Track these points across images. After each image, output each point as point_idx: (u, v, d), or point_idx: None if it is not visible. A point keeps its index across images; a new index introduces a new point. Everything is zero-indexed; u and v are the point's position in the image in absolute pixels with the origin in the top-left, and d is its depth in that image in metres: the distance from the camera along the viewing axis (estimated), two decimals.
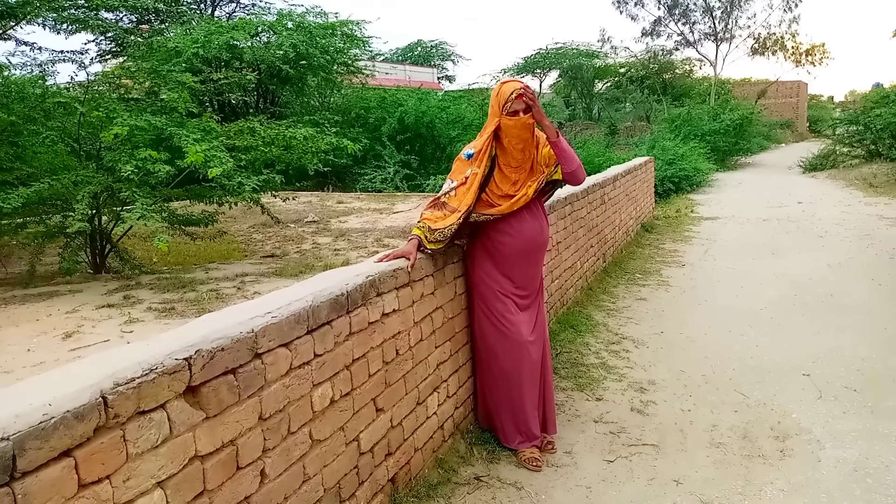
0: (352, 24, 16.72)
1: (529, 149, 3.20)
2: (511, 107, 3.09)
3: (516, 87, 3.11)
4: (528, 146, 3.19)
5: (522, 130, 3.13)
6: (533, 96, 3.12)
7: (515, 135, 3.13)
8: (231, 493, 1.83)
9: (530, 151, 3.21)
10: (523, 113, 3.11)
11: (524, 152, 3.19)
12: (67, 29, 12.12)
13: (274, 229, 9.35)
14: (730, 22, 31.09)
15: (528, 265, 3.33)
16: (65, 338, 4.34)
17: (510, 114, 3.11)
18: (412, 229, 3.10)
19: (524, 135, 3.14)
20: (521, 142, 3.16)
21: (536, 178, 3.23)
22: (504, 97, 3.11)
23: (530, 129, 3.15)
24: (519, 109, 3.10)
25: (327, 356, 2.25)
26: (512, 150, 3.17)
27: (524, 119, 3.11)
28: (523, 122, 3.11)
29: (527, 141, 3.17)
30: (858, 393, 4.01)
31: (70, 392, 1.41)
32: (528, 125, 3.13)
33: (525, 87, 3.11)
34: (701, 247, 8.61)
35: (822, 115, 42.39)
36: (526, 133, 3.14)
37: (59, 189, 5.44)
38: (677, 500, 2.94)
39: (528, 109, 3.10)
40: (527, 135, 3.15)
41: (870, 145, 18.62)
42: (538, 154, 3.25)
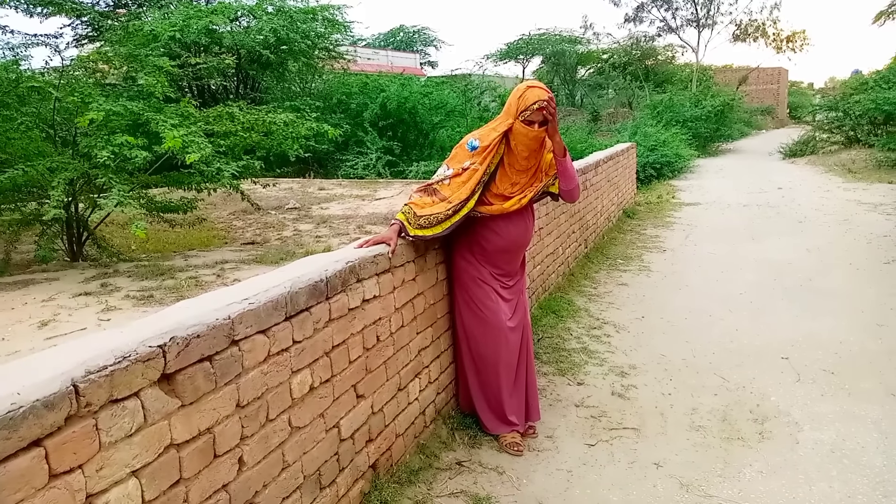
0: (333, 8, 16.56)
1: (535, 157, 3.15)
2: (529, 116, 3.00)
3: (541, 97, 2.98)
4: (534, 154, 3.13)
5: (533, 141, 3.05)
6: (554, 110, 3.01)
7: (525, 143, 3.06)
8: (208, 481, 1.81)
9: (536, 159, 3.16)
10: (539, 125, 3.02)
11: (529, 160, 3.13)
12: (42, 12, 11.86)
13: (254, 216, 9.27)
14: (712, 8, 31.11)
15: (511, 260, 3.31)
16: (40, 326, 4.27)
17: (526, 122, 3.01)
18: (397, 213, 3.04)
19: (533, 145, 3.08)
20: (528, 150, 3.09)
21: (535, 186, 3.19)
22: (525, 104, 3.00)
23: (540, 140, 3.08)
24: (536, 121, 3.01)
25: (306, 343, 2.23)
26: (518, 154, 3.10)
27: (537, 132, 3.02)
28: (535, 134, 3.03)
29: (534, 150, 3.11)
30: (836, 375, 4.06)
31: (40, 381, 1.38)
32: (539, 137, 3.06)
33: (549, 100, 2.99)
34: (682, 232, 8.66)
35: (803, 102, 42.70)
36: (535, 144, 3.08)
37: (35, 175, 5.35)
38: (657, 483, 2.96)
39: (544, 122, 3.02)
40: (536, 145, 3.08)
41: (848, 132, 18.76)
42: (542, 160, 3.20)
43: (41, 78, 6.47)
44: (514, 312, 3.34)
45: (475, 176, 3.06)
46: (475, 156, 3.10)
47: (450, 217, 3.02)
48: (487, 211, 3.15)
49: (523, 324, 3.39)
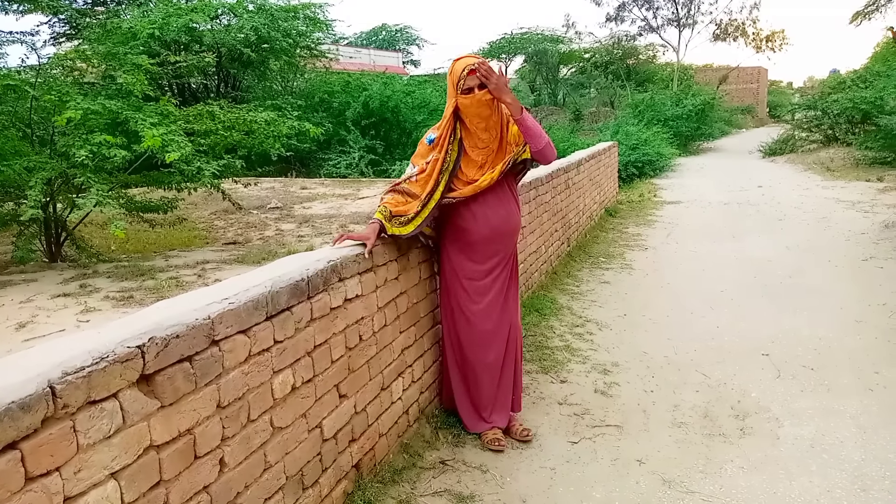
0: (314, 6, 16.49)
1: (494, 128, 3.03)
2: (464, 84, 2.92)
3: (469, 63, 2.92)
4: (491, 125, 3.02)
5: (480, 108, 2.95)
6: (488, 70, 2.91)
7: (474, 113, 2.97)
8: (189, 482, 1.79)
9: (496, 130, 3.04)
10: (478, 89, 2.92)
11: (488, 132, 3.02)
12: (17, 10, 11.70)
13: (236, 216, 9.21)
14: (692, 8, 31.38)
15: (497, 250, 3.21)
16: (18, 328, 4.22)
17: (464, 91, 2.93)
18: (374, 213, 2.98)
19: (483, 112, 2.97)
20: (481, 120, 2.99)
21: (504, 159, 3.08)
22: (457, 74, 2.93)
23: (489, 105, 2.96)
24: (473, 86, 2.92)
25: (288, 342, 2.22)
26: (475, 130, 3.02)
27: (479, 96, 2.92)
28: (479, 100, 2.93)
29: (488, 119, 3.00)
30: (815, 371, 4.10)
31: (15, 382, 1.35)
32: (485, 102, 2.94)
33: (480, 62, 2.93)
34: (663, 231, 8.71)
35: (782, 101, 43.18)
36: (485, 110, 2.97)
37: (11, 175, 5.28)
38: (640, 480, 2.97)
39: (483, 85, 2.91)
40: (486, 112, 2.97)
41: (827, 130, 19.00)
42: (507, 132, 3.08)
43: (17, 76, 6.38)
44: (502, 309, 3.26)
45: (437, 166, 3.01)
46: (434, 148, 3.07)
47: (420, 213, 2.98)
48: (459, 195, 3.06)
49: (510, 321, 3.31)
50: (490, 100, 2.94)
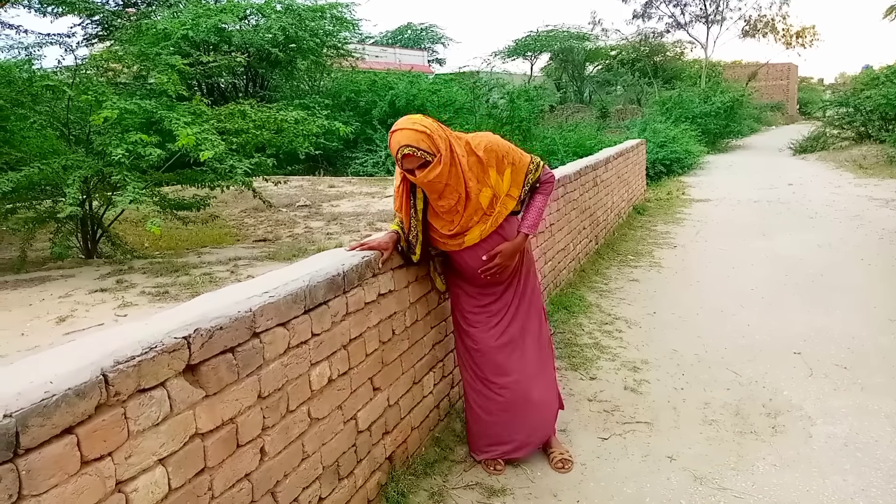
0: (341, 6, 16.62)
1: (452, 195, 2.64)
2: (403, 166, 2.57)
3: (402, 142, 2.49)
4: (448, 193, 2.63)
5: (430, 186, 2.59)
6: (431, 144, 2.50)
7: (428, 189, 2.63)
8: (231, 470, 1.84)
9: (456, 194, 2.63)
10: (419, 170, 2.52)
11: (445, 199, 2.64)
12: (53, 12, 11.95)
13: (265, 213, 9.33)
14: (720, 4, 31.01)
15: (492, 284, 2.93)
16: (58, 322, 4.33)
17: (406, 171, 2.59)
18: (392, 224, 2.83)
19: (434, 188, 2.59)
20: (433, 192, 2.62)
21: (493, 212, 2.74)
22: (393, 150, 2.56)
23: (440, 179, 2.55)
24: (413, 168, 2.54)
25: (325, 335, 2.26)
26: (430, 199, 2.69)
27: (421, 178, 2.54)
28: (422, 182, 2.56)
29: (441, 192, 2.61)
30: (848, 370, 4.06)
31: (71, 370, 1.41)
32: (428, 184, 2.56)
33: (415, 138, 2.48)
34: (692, 228, 8.65)
35: (812, 98, 42.48)
36: (436, 186, 2.58)
37: (50, 173, 5.41)
38: (671, 476, 2.97)
39: (425, 164, 2.52)
40: (438, 186, 2.58)
41: (859, 127, 18.68)
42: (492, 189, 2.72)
43: (55, 77, 6.54)
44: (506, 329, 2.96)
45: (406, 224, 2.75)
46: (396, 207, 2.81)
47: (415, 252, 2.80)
48: (445, 249, 2.84)
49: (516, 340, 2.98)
50: (436, 177, 2.55)
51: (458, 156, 2.61)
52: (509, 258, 2.78)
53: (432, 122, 2.59)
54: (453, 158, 2.59)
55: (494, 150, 2.72)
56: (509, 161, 2.75)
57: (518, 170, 2.77)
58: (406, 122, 2.55)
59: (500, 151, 2.73)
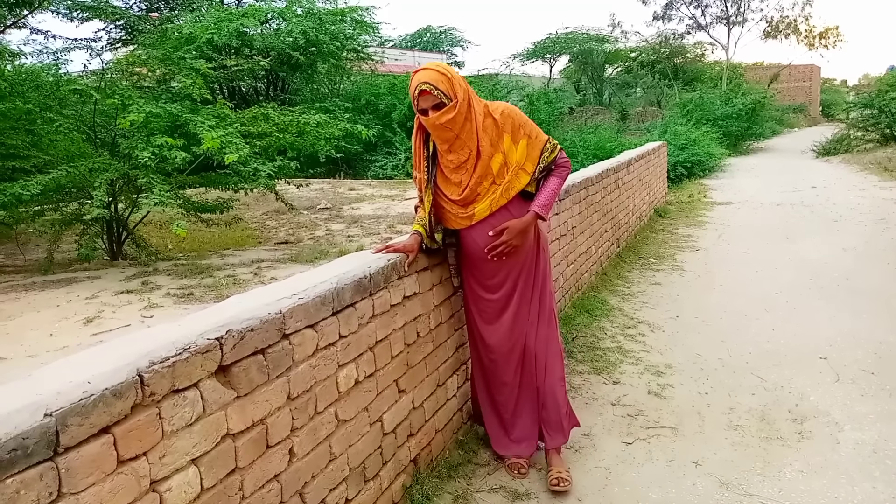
0: (361, 9, 16.70)
1: (462, 149, 2.61)
2: (418, 105, 2.54)
3: (421, 80, 2.49)
4: (457, 146, 2.61)
5: (438, 131, 2.55)
6: (450, 87, 2.50)
7: (435, 135, 2.60)
8: (261, 470, 1.86)
9: (467, 150, 2.61)
10: (433, 110, 2.50)
11: (454, 153, 2.62)
12: (79, 17, 12.13)
13: (287, 216, 9.39)
14: (742, 5, 30.74)
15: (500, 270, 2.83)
16: (86, 323, 4.39)
17: (420, 112, 2.56)
18: (413, 223, 2.81)
19: (444, 135, 2.56)
20: (443, 142, 2.60)
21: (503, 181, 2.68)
22: (411, 93, 2.55)
23: (449, 128, 2.54)
24: (427, 108, 2.51)
25: (352, 337, 2.28)
26: (441, 150, 2.66)
27: (433, 119, 2.50)
28: (433, 123, 2.52)
29: (451, 141, 2.58)
30: (876, 376, 4.00)
31: (108, 370, 1.43)
32: (440, 126, 2.52)
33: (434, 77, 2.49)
34: (714, 231, 8.58)
35: (836, 100, 41.95)
36: (446, 133, 2.55)
37: (77, 176, 5.49)
38: (697, 482, 2.95)
39: (440, 105, 2.50)
40: (448, 135, 2.56)
41: (884, 129, 18.42)
42: (504, 155, 2.66)
43: (81, 80, 6.64)
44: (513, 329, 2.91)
45: (421, 185, 2.77)
46: (414, 165, 2.81)
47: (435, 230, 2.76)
48: (450, 225, 2.80)
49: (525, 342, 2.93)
50: (447, 122, 2.52)
51: (475, 111, 2.59)
52: (518, 236, 2.69)
53: (456, 72, 2.59)
54: (469, 111, 2.57)
55: (511, 116, 2.68)
56: (525, 132, 2.70)
57: (534, 144, 2.72)
58: (429, 64, 2.59)
59: (517, 120, 2.69)
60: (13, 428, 1.23)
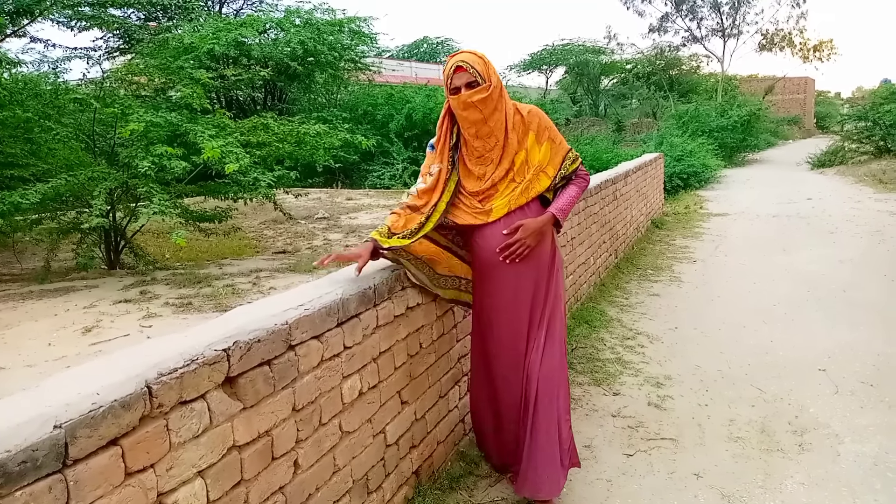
0: (359, 20, 16.74)
1: (489, 136, 2.56)
2: (451, 83, 2.52)
3: (459, 59, 2.50)
4: (484, 133, 2.56)
5: (468, 111, 2.50)
6: (485, 70, 2.50)
7: (463, 117, 2.54)
8: (266, 483, 1.85)
9: (494, 139, 2.57)
10: (466, 88, 2.48)
11: (481, 140, 2.57)
12: (77, 26, 12.14)
13: (284, 225, 9.38)
14: (737, 18, 30.96)
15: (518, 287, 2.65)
16: (84, 332, 4.37)
17: (452, 91, 2.53)
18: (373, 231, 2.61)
19: (472, 116, 2.51)
20: (471, 125, 2.54)
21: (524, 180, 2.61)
22: (446, 72, 2.56)
23: (479, 110, 2.50)
24: (460, 85, 2.49)
25: (356, 348, 2.27)
26: (466, 136, 2.60)
27: (465, 97, 2.47)
28: (464, 101, 2.48)
29: (479, 125, 2.53)
30: (875, 388, 4.01)
31: (116, 381, 1.43)
32: (471, 105, 2.48)
33: (471, 58, 2.50)
34: (711, 243, 8.60)
35: (829, 112, 42.27)
36: (474, 114, 2.50)
37: (75, 185, 5.48)
38: (698, 494, 2.95)
39: (473, 83, 2.48)
40: (476, 116, 2.51)
41: (878, 141, 18.54)
42: (526, 153, 2.63)
43: (80, 89, 6.64)
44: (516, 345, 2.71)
45: (442, 177, 2.62)
46: (436, 157, 2.67)
47: (424, 225, 2.58)
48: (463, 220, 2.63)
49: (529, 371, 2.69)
50: (479, 101, 2.48)
51: (506, 102, 2.59)
52: (532, 235, 2.57)
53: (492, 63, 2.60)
54: (500, 100, 2.55)
55: (539, 115, 2.68)
56: (550, 136, 2.69)
57: (557, 149, 2.69)
58: (467, 49, 2.60)
59: (543, 121, 2.69)
60: (22, 440, 1.22)
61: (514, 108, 2.63)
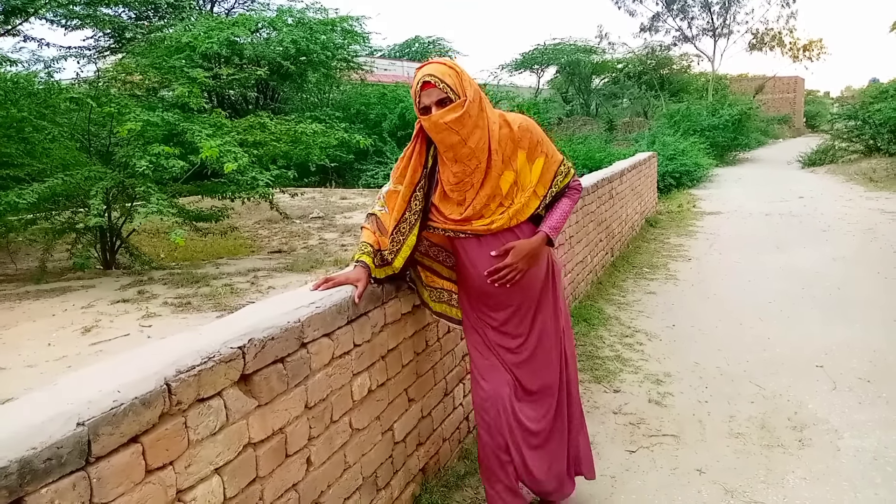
0: (351, 19, 16.72)
1: (469, 159, 2.19)
2: (420, 102, 2.17)
3: (426, 73, 2.13)
4: (464, 155, 2.19)
5: (444, 134, 2.14)
6: (458, 83, 2.14)
7: (437, 139, 2.19)
8: (280, 480, 1.85)
9: (475, 161, 2.20)
10: (437, 106, 2.12)
11: (460, 163, 2.21)
12: (69, 24, 12.07)
13: (279, 225, 9.36)
14: (728, 17, 31.10)
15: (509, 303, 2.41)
16: (84, 332, 4.35)
17: (422, 111, 2.18)
18: (355, 254, 2.36)
19: (449, 139, 2.15)
20: (447, 149, 2.18)
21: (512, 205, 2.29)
22: (414, 89, 2.19)
23: (455, 131, 2.14)
24: (430, 104, 2.14)
25: (365, 346, 2.28)
26: (445, 159, 2.24)
27: (437, 117, 2.12)
28: (435, 123, 2.13)
29: (456, 148, 2.17)
30: (872, 384, 4.05)
31: (135, 379, 1.43)
32: (445, 126, 2.12)
33: (441, 70, 2.14)
34: (705, 241, 8.65)
35: (819, 111, 42.56)
36: (451, 137, 2.14)
37: (72, 185, 5.46)
38: (702, 489, 2.97)
39: (446, 101, 2.13)
40: (453, 139, 2.15)
41: (868, 140, 18.68)
42: (516, 175, 2.29)
43: (74, 89, 6.60)
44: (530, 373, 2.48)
45: (397, 200, 2.32)
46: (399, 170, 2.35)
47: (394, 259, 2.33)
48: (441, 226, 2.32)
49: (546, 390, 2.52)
50: (453, 122, 2.12)
51: (487, 118, 2.22)
52: (524, 259, 2.28)
53: (465, 70, 2.21)
54: (481, 116, 2.19)
55: (530, 130, 2.32)
56: (543, 150, 2.35)
57: (549, 165, 2.36)
58: (436, 59, 2.21)
59: (535, 135, 2.33)
60: (48, 437, 1.23)
61: (501, 121, 2.28)
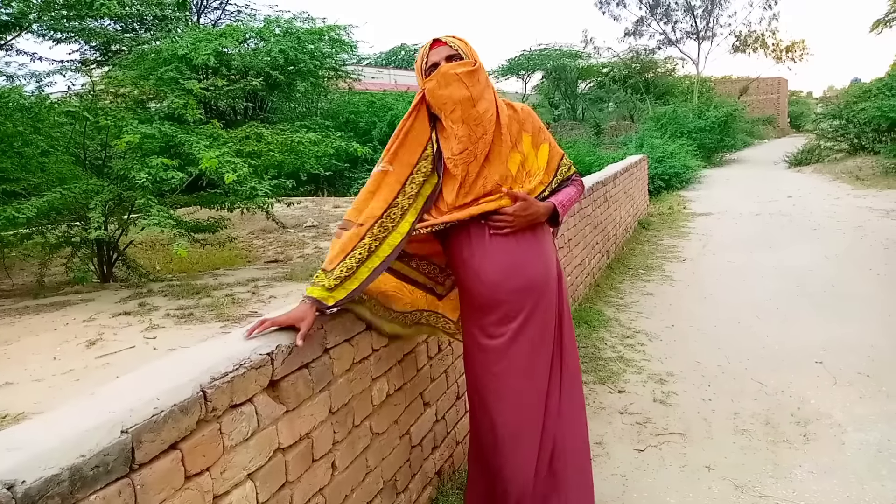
0: (339, 28, 16.75)
1: (477, 122, 2.05)
2: (428, 61, 2.08)
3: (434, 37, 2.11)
4: (472, 116, 2.04)
5: (454, 87, 2.02)
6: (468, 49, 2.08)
7: (445, 97, 2.03)
8: (308, 484, 1.88)
9: (482, 127, 2.06)
10: (446, 61, 2.05)
11: (467, 124, 2.04)
12: (57, 38, 12.03)
13: (274, 234, 9.37)
14: (711, 20, 31.39)
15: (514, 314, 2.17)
16: (88, 345, 4.35)
17: (428, 70, 2.07)
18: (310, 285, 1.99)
19: (458, 93, 2.02)
20: (455, 104, 2.03)
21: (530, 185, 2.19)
22: (421, 54, 2.12)
23: (467, 82, 2.02)
24: (439, 60, 2.05)
25: (383, 351, 2.31)
26: (447, 124, 2.08)
27: (447, 68, 2.02)
28: (444, 73, 2.02)
29: (465, 104, 2.03)
30: (872, 378, 4.11)
31: (173, 386, 1.46)
32: (455, 77, 2.01)
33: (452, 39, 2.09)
34: (698, 242, 8.73)
35: (803, 111, 42.99)
36: (460, 90, 2.01)
37: (70, 199, 5.45)
38: (712, 486, 3.01)
39: (454, 56, 2.06)
40: (462, 93, 2.01)
41: (853, 139, 18.89)
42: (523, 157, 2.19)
43: (69, 102, 6.59)
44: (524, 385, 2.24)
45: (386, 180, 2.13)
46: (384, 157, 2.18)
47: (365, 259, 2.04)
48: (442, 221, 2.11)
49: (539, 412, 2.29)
50: (464, 74, 2.02)
51: (496, 95, 2.17)
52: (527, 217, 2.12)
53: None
54: (488, 87, 2.12)
55: (532, 115, 2.27)
56: (545, 137, 2.29)
57: (553, 153, 2.31)
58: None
59: (537, 121, 2.28)
60: (94, 445, 1.25)
61: (507, 104, 2.22)
